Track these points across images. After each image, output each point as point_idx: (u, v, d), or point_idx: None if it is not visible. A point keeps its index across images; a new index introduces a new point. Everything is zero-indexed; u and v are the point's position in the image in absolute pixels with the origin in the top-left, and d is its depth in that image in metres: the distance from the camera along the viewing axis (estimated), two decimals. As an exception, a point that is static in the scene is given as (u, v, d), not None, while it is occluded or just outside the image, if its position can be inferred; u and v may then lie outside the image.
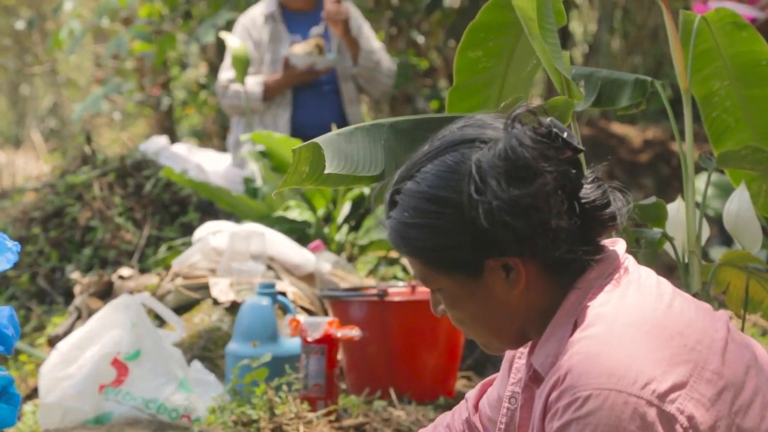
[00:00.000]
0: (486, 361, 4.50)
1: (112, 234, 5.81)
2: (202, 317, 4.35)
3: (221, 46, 7.04)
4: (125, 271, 4.82)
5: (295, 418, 3.58)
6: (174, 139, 9.89)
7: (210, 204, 5.89)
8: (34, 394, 4.34)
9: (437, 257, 2.01)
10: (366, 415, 3.82)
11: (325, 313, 4.40)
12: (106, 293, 4.68)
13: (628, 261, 2.06)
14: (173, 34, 8.12)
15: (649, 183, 9.41)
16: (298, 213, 5.08)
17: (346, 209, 5.17)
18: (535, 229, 1.95)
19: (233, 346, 3.88)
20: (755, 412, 1.94)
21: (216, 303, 4.39)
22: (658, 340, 1.91)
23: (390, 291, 4.18)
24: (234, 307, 4.29)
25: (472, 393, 2.40)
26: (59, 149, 10.94)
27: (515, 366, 2.21)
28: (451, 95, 3.38)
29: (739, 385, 1.94)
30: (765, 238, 3.35)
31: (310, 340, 3.72)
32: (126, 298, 3.86)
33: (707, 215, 3.48)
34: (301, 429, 3.55)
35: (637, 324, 1.93)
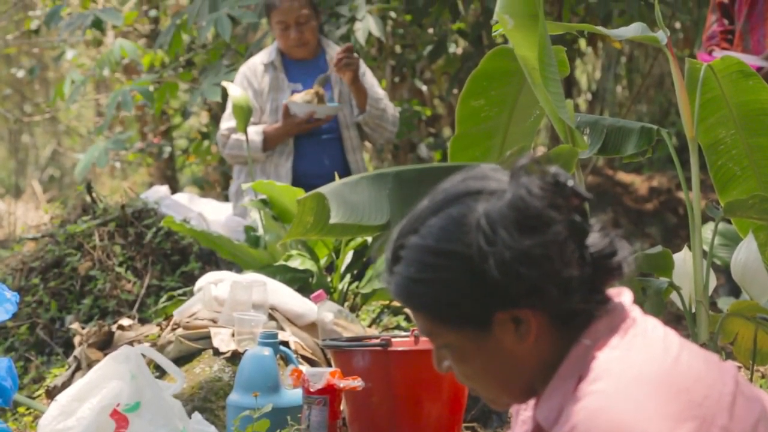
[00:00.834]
0: (491, 413, 4.46)
1: (112, 284, 5.78)
2: (203, 368, 4.32)
3: (223, 94, 7.04)
4: (125, 322, 4.80)
5: (298, 470, 3.54)
6: (175, 188, 9.91)
7: (211, 253, 5.87)
8: (33, 446, 4.31)
9: (445, 312, 1.99)
10: (369, 467, 3.78)
11: (328, 364, 4.37)
12: (106, 344, 4.65)
13: (634, 312, 2.04)
14: (175, 83, 8.13)
15: (655, 232, 9.39)
16: (300, 262, 5.05)
17: (348, 258, 5.14)
18: (548, 279, 1.93)
19: (234, 397, 3.84)
20: (764, 466, 1.92)
21: (217, 353, 4.36)
22: (665, 395, 1.88)
23: (393, 341, 4.15)
24: (235, 358, 4.26)
25: None
26: (59, 198, 10.94)
27: (521, 418, 2.20)
28: (454, 144, 3.37)
29: (748, 440, 1.91)
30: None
31: (312, 390, 3.69)
32: (126, 349, 3.83)
33: (714, 264, 3.46)
34: (304, 481, 3.51)
35: (644, 379, 1.90)
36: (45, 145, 16.35)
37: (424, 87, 9.82)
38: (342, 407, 3.92)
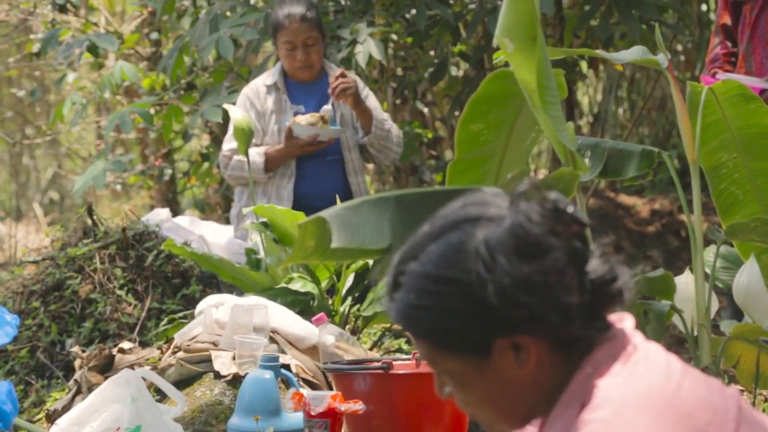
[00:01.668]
0: (492, 436, 4.44)
1: (113, 307, 5.77)
2: (203, 391, 4.31)
3: (224, 116, 7.04)
4: (126, 345, 4.78)
5: (298, 494, 3.53)
6: (176, 210, 9.90)
7: (212, 276, 5.86)
8: (33, 471, 4.29)
9: (445, 338, 1.98)
10: (370, 492, 3.76)
11: (329, 387, 4.36)
12: (106, 367, 4.64)
13: (636, 338, 2.03)
14: (179, 108, 8.13)
15: (657, 255, 9.36)
16: (301, 285, 5.04)
17: (349, 281, 5.13)
18: (547, 306, 1.92)
19: (235, 420, 3.83)
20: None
21: (218, 376, 4.35)
22: (667, 422, 1.87)
23: (394, 364, 4.14)
24: (236, 381, 4.25)
25: None
26: (60, 221, 10.93)
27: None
28: (452, 169, 3.37)
29: (751, 467, 1.91)
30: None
31: (313, 414, 3.68)
32: (126, 372, 3.82)
33: (716, 287, 3.46)
34: (305, 506, 3.49)
35: (646, 406, 1.89)
36: (46, 168, 16.34)
37: (425, 109, 9.82)
38: (343, 431, 3.91)
